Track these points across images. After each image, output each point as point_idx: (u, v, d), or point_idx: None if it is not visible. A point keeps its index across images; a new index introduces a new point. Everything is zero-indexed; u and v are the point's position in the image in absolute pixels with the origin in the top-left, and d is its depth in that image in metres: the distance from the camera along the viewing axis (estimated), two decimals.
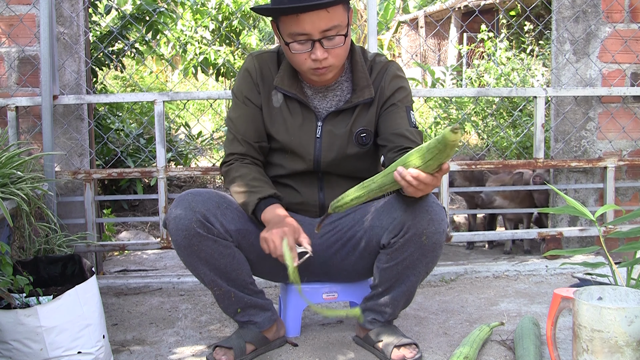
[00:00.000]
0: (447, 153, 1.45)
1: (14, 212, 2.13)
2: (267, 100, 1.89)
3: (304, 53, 1.73)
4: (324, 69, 1.75)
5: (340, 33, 1.72)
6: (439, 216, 1.72)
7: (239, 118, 1.90)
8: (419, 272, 1.80)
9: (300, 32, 1.69)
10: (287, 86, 1.85)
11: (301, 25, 1.68)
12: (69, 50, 2.71)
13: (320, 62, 1.73)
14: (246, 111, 1.89)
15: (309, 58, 1.73)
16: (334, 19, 1.69)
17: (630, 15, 2.93)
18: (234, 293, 1.83)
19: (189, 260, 1.78)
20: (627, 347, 1.40)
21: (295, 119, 1.87)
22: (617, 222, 2.12)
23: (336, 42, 1.72)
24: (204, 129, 6.00)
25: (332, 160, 1.87)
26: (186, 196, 1.76)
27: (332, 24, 1.69)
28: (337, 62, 1.76)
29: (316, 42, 1.70)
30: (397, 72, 1.89)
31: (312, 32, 1.69)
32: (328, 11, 1.67)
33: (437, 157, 1.47)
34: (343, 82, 1.89)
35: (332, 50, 1.73)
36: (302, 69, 1.78)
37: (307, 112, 1.88)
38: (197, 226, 1.72)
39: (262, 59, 1.91)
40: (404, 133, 1.81)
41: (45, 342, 1.63)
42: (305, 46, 1.72)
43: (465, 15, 10.80)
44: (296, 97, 1.86)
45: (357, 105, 1.86)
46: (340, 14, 1.71)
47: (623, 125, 2.97)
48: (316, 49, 1.71)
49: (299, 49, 1.73)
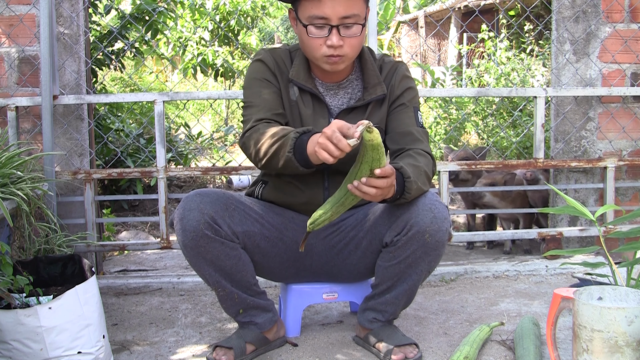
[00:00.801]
0: (377, 151, 1.50)
1: (14, 212, 2.13)
2: (285, 91, 1.88)
3: (320, 38, 1.73)
4: (338, 57, 1.75)
5: (359, 22, 1.73)
6: (442, 214, 1.73)
7: (257, 95, 1.83)
8: (421, 271, 1.79)
9: (320, 16, 1.70)
10: (302, 80, 1.85)
11: (322, 8, 1.69)
12: (69, 50, 2.71)
13: (335, 49, 1.73)
14: (266, 88, 1.85)
15: (324, 44, 1.74)
16: (354, 8, 1.71)
17: (630, 15, 2.93)
18: (238, 294, 1.83)
19: (195, 261, 1.78)
20: (627, 347, 1.40)
21: (309, 112, 1.87)
22: (617, 222, 2.12)
23: (353, 31, 1.73)
24: (204, 129, 6.00)
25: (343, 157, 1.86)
26: (194, 197, 1.75)
27: (352, 11, 1.71)
28: (351, 52, 1.77)
29: (333, 28, 1.71)
30: (406, 72, 1.92)
31: (331, 17, 1.70)
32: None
33: (374, 158, 1.51)
34: (353, 81, 1.90)
35: (348, 40, 1.74)
36: (316, 55, 1.77)
37: (320, 108, 1.88)
38: (205, 228, 1.71)
39: (275, 52, 1.90)
40: (412, 132, 1.82)
41: (45, 342, 1.63)
42: (322, 31, 1.72)
43: (465, 15, 10.80)
44: (311, 91, 1.86)
45: (369, 103, 1.87)
46: (360, 5, 1.73)
47: (623, 125, 2.97)
48: (333, 34, 1.72)
49: (315, 33, 1.73)
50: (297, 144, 1.64)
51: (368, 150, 1.51)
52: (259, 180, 2.01)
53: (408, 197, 1.69)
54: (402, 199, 1.69)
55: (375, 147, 1.50)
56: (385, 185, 1.55)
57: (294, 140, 1.64)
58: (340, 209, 1.63)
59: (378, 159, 1.52)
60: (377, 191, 1.55)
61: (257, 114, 1.80)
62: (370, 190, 1.54)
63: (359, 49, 1.81)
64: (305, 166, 1.66)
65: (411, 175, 1.66)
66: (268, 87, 1.86)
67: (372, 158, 1.52)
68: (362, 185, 1.54)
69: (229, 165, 3.04)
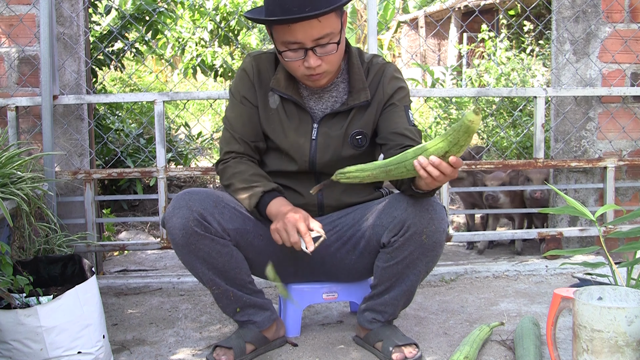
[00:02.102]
0: (468, 136, 1.42)
1: (14, 212, 2.13)
2: (264, 100, 1.89)
3: (298, 60, 1.73)
4: (318, 75, 1.76)
5: (333, 41, 1.72)
6: (439, 215, 1.73)
7: (236, 117, 1.91)
8: (419, 272, 1.80)
9: (293, 41, 1.70)
10: (283, 88, 1.85)
11: (293, 34, 1.69)
12: (69, 50, 2.71)
13: (314, 69, 1.74)
14: (243, 110, 1.90)
15: (302, 65, 1.74)
16: (326, 27, 1.69)
17: (630, 15, 2.93)
18: (233, 292, 1.83)
19: (187, 259, 1.78)
20: (627, 347, 1.40)
21: (291, 120, 1.88)
22: (617, 222, 2.12)
23: (329, 49, 1.73)
24: (204, 129, 6.00)
25: (327, 161, 1.87)
26: (183, 195, 1.76)
27: (325, 32, 1.69)
28: (330, 67, 1.77)
29: (309, 51, 1.71)
30: (395, 73, 1.91)
31: (305, 41, 1.69)
32: (320, 20, 1.67)
33: (458, 142, 1.44)
34: (339, 84, 1.90)
35: (326, 57, 1.74)
36: (297, 75, 1.80)
37: (303, 114, 1.88)
38: (194, 225, 1.72)
39: (260, 59, 1.91)
40: (403, 132, 1.82)
41: (45, 342, 1.63)
42: (298, 54, 1.72)
43: (465, 15, 10.81)
44: (292, 99, 1.86)
45: (352, 108, 1.86)
46: (332, 22, 1.71)
47: (623, 125, 2.97)
48: (309, 57, 1.71)
49: (292, 57, 1.73)
50: (260, 203, 1.80)
51: (469, 131, 1.42)
52: None
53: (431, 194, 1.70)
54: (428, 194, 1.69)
55: (474, 131, 1.42)
56: (451, 175, 1.51)
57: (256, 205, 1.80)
58: (380, 174, 1.56)
59: (462, 146, 1.45)
60: (440, 176, 1.49)
61: (231, 144, 1.90)
62: (434, 172, 1.48)
63: (339, 62, 1.81)
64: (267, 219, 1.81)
65: None
66: (245, 108, 1.90)
67: (457, 141, 1.44)
68: (429, 165, 1.48)
69: None
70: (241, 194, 1.84)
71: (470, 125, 1.41)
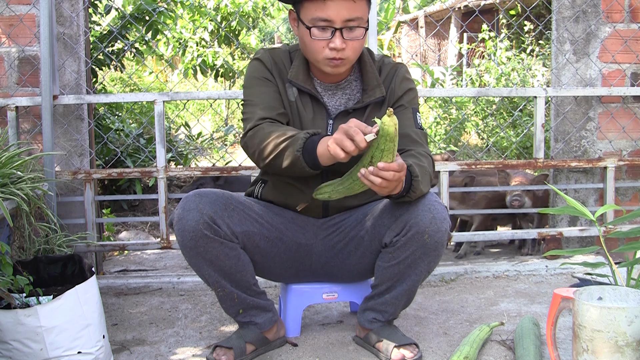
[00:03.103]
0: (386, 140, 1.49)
1: (14, 212, 2.13)
2: (283, 91, 1.87)
3: (323, 40, 1.73)
4: (340, 60, 1.75)
5: (361, 25, 1.73)
6: (441, 215, 1.73)
7: (258, 93, 1.83)
8: (420, 272, 1.79)
9: (324, 18, 1.70)
10: (301, 81, 1.85)
11: (326, 10, 1.69)
12: (69, 50, 2.71)
13: (337, 52, 1.73)
14: (265, 87, 1.85)
15: (327, 47, 1.73)
16: (357, 10, 1.71)
17: (630, 15, 2.93)
18: (237, 294, 1.83)
19: (194, 261, 1.78)
20: (627, 347, 1.40)
21: (308, 114, 1.87)
22: (617, 222, 2.12)
23: (356, 34, 1.73)
24: (204, 129, 6.00)
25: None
26: (193, 197, 1.75)
27: (356, 14, 1.71)
28: (352, 55, 1.77)
29: (337, 31, 1.71)
30: (406, 74, 1.92)
31: (335, 20, 1.70)
32: (354, 1, 1.69)
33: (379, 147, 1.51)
34: (352, 82, 1.90)
35: (350, 42, 1.74)
36: (318, 58, 1.77)
37: (319, 109, 1.88)
38: (204, 228, 1.71)
39: (274, 52, 1.90)
40: (409, 134, 1.82)
41: (45, 342, 1.63)
42: (325, 33, 1.72)
43: (465, 15, 10.80)
44: (310, 93, 1.86)
45: (368, 105, 1.86)
46: (363, 7, 1.73)
47: (623, 125, 2.97)
48: (336, 37, 1.72)
49: (318, 36, 1.73)
50: (307, 143, 1.65)
51: (382, 138, 1.49)
52: (259, 179, 2.01)
53: (412, 197, 1.69)
54: (407, 197, 1.69)
55: (388, 137, 1.48)
56: (392, 179, 1.54)
57: (304, 140, 1.66)
58: (344, 191, 1.63)
59: (382, 150, 1.50)
60: (383, 182, 1.54)
61: (260, 112, 1.80)
62: (375, 180, 1.53)
63: (360, 52, 1.81)
64: (312, 167, 1.67)
65: (419, 175, 1.67)
66: (268, 85, 1.86)
67: (378, 145, 1.51)
68: (369, 174, 1.53)
69: (229, 165, 3.04)
70: (284, 143, 1.68)
71: (383, 127, 1.48)
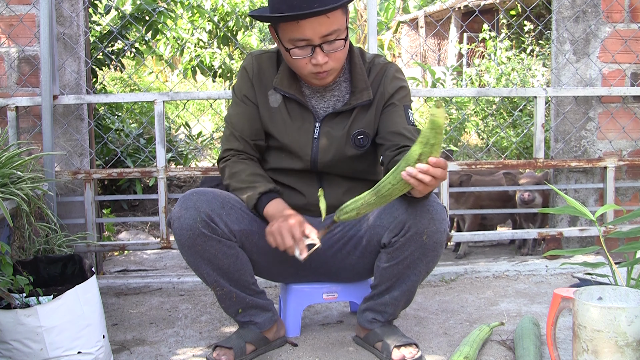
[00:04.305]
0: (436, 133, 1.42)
1: (14, 212, 2.13)
2: (265, 99, 1.89)
3: (305, 58, 1.73)
4: (325, 72, 1.76)
5: (340, 37, 1.73)
6: (440, 215, 1.73)
7: (236, 115, 1.92)
8: (420, 272, 1.80)
9: (301, 38, 1.70)
10: (286, 87, 1.86)
11: (301, 31, 1.69)
12: (69, 50, 2.71)
13: (321, 67, 1.74)
14: (244, 109, 1.91)
15: (309, 63, 1.74)
16: (333, 24, 1.70)
17: (630, 15, 2.93)
18: (236, 293, 1.83)
19: (193, 260, 1.78)
20: (627, 347, 1.40)
21: (293, 119, 1.88)
22: (617, 222, 2.12)
23: (336, 46, 1.73)
24: (204, 129, 6.00)
25: (329, 161, 1.87)
26: (191, 196, 1.76)
27: (332, 28, 1.70)
28: (337, 65, 1.78)
29: (317, 47, 1.71)
30: (396, 73, 1.91)
31: (313, 38, 1.69)
32: (328, 16, 1.68)
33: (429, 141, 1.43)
34: (341, 83, 1.90)
35: (333, 54, 1.74)
36: (303, 74, 1.79)
37: (305, 113, 1.88)
38: (201, 226, 1.72)
39: (261, 59, 1.91)
40: (402, 131, 1.81)
41: (45, 342, 1.63)
42: (305, 51, 1.72)
43: (465, 15, 10.81)
44: (295, 98, 1.86)
45: (355, 107, 1.86)
46: (339, 18, 1.72)
47: (623, 125, 2.97)
48: (317, 54, 1.72)
49: (299, 54, 1.73)
50: (257, 204, 1.82)
51: (427, 128, 1.42)
52: None
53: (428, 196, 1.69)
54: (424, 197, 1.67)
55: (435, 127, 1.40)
56: (440, 176, 1.49)
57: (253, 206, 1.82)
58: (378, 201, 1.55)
59: (432, 144, 1.44)
60: (432, 180, 1.48)
61: (231, 141, 1.92)
62: (425, 178, 1.46)
63: (344, 59, 1.81)
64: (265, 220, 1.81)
65: None
66: (245, 106, 1.91)
67: (427, 140, 1.43)
68: (418, 173, 1.47)
69: None
70: (240, 194, 1.86)
71: (434, 119, 1.41)
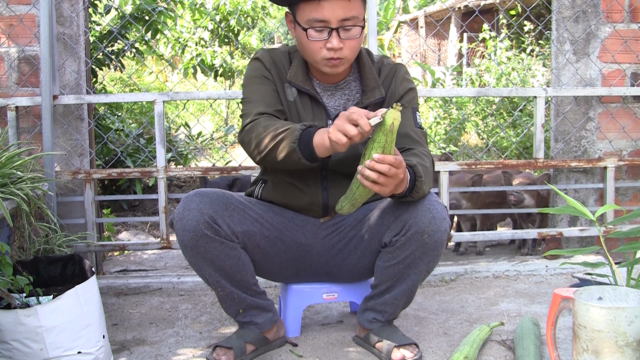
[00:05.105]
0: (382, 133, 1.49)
1: (14, 212, 2.13)
2: (282, 90, 1.88)
3: (320, 41, 1.74)
4: (338, 60, 1.76)
5: (358, 24, 1.74)
6: (440, 215, 1.73)
7: (256, 91, 1.85)
8: (420, 271, 1.80)
9: (319, 19, 1.70)
10: (300, 82, 1.85)
11: (321, 11, 1.69)
12: (69, 50, 2.71)
13: (335, 52, 1.74)
14: (266, 86, 1.86)
15: (324, 47, 1.74)
16: (353, 10, 1.71)
17: (630, 15, 2.93)
18: (237, 294, 1.83)
19: (195, 261, 1.78)
20: (627, 347, 1.40)
21: (307, 114, 1.87)
22: (617, 222, 2.12)
23: (353, 33, 1.74)
24: (204, 129, 6.00)
25: (341, 159, 1.85)
26: (194, 197, 1.75)
27: (351, 14, 1.71)
28: (350, 54, 1.77)
29: (333, 31, 1.72)
30: (406, 75, 1.93)
31: (331, 20, 1.70)
32: (349, 0, 1.69)
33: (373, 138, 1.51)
34: (351, 82, 1.90)
35: (348, 42, 1.74)
36: (316, 59, 1.78)
37: (318, 109, 1.88)
38: (204, 227, 1.72)
39: (274, 52, 1.91)
40: (409, 133, 1.82)
41: (45, 342, 1.63)
42: (322, 34, 1.73)
43: (465, 15, 10.81)
44: (310, 93, 1.86)
45: (367, 106, 1.86)
46: (359, 6, 1.74)
47: (623, 125, 2.97)
48: (333, 37, 1.72)
49: (315, 37, 1.73)
50: (303, 134, 1.64)
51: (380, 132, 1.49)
52: (259, 179, 2.01)
53: (415, 197, 1.68)
54: (410, 197, 1.68)
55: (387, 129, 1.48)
56: (389, 173, 1.51)
57: (300, 131, 1.65)
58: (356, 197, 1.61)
59: (390, 145, 1.50)
60: (381, 177, 1.51)
61: (258, 108, 1.80)
62: (371, 175, 1.50)
63: (358, 51, 1.82)
64: (308, 159, 1.66)
65: (422, 176, 1.66)
66: (267, 84, 1.86)
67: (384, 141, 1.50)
68: (365, 170, 1.52)
69: (229, 165, 3.04)
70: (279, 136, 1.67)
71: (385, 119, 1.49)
